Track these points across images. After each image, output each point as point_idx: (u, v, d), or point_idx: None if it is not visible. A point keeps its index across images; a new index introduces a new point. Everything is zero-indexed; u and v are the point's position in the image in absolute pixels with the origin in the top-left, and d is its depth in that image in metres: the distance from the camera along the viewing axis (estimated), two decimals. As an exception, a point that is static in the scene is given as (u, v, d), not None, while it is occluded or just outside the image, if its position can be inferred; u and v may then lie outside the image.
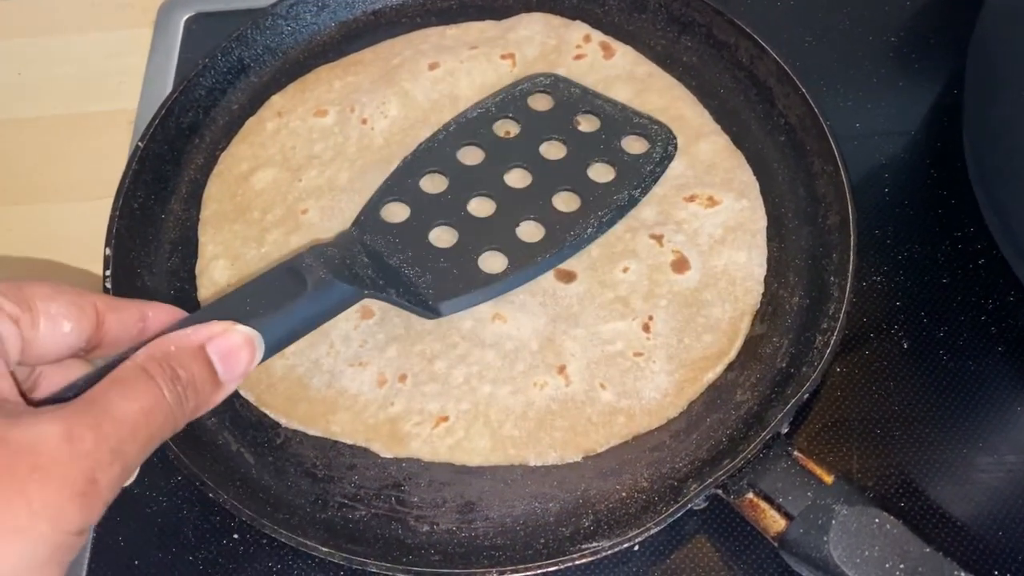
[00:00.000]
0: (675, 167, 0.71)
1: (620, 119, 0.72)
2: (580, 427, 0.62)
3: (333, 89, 0.78)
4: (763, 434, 0.58)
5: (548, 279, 0.67)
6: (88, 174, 0.81)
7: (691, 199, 0.69)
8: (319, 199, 0.72)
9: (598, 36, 0.79)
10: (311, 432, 0.64)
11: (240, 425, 0.65)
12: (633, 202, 0.69)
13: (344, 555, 0.56)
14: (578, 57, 0.77)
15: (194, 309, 0.68)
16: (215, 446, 0.64)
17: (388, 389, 0.64)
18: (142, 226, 0.71)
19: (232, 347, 0.47)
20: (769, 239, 0.69)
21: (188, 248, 0.72)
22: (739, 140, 0.74)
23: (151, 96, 0.83)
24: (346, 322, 0.66)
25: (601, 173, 0.70)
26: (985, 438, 0.63)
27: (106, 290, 0.66)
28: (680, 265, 0.67)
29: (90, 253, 0.66)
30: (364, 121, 0.75)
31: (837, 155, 0.68)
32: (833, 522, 0.52)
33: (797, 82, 0.72)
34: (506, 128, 0.72)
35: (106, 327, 0.47)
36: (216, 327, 0.47)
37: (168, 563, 0.62)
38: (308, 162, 0.74)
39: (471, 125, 0.72)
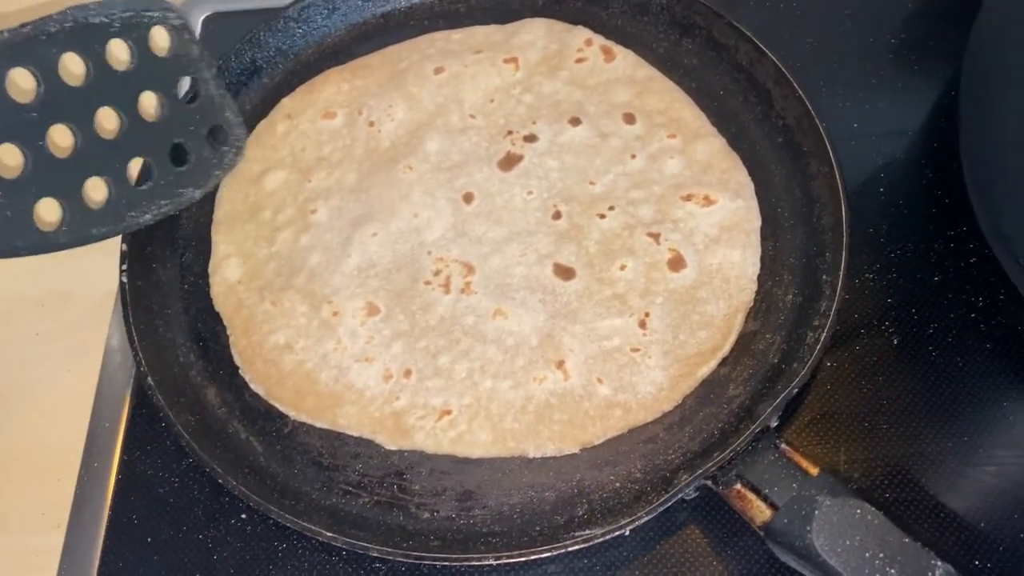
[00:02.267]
0: (673, 166, 0.73)
1: (216, 105, 0.73)
2: (578, 420, 0.64)
3: (341, 92, 0.80)
4: (752, 428, 0.60)
5: (547, 276, 0.69)
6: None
7: (688, 198, 0.71)
8: (328, 199, 0.74)
9: (599, 40, 0.81)
10: (319, 425, 0.66)
11: (249, 415, 0.67)
12: (192, 200, 0.72)
13: (347, 540, 0.59)
14: (579, 60, 0.79)
15: (206, 305, 0.71)
16: (225, 435, 0.66)
17: (393, 384, 0.66)
18: (156, 223, 0.73)
19: None
20: (764, 238, 0.71)
21: (201, 244, 0.75)
22: (737, 141, 0.76)
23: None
24: (352, 319, 0.68)
25: (179, 157, 0.71)
26: (971, 433, 0.64)
27: (121, 284, 0.69)
28: (676, 263, 0.69)
29: (108, 244, 0.69)
30: (371, 124, 0.78)
31: (832, 157, 0.69)
32: (816, 512, 0.54)
33: (795, 84, 0.73)
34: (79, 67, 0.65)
35: None
36: None
37: (179, 541, 0.64)
38: (317, 164, 0.76)
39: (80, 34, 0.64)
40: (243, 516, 0.64)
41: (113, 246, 0.70)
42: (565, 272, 0.69)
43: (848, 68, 0.82)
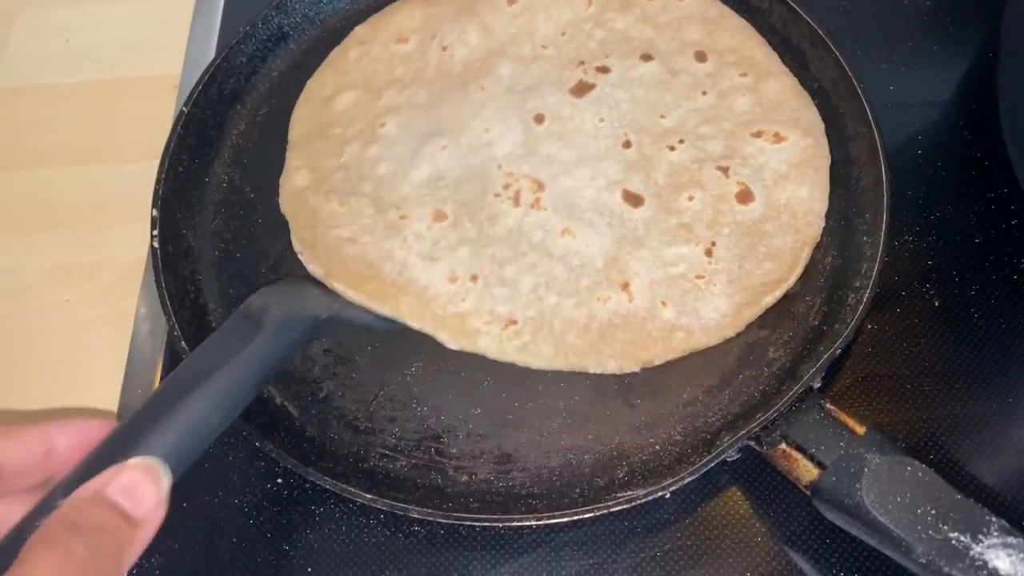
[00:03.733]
0: (743, 104, 0.73)
1: None
2: (640, 340, 0.64)
3: (414, 18, 0.81)
4: (796, 388, 0.59)
5: (616, 201, 0.69)
6: (134, 137, 0.82)
7: (758, 135, 0.71)
8: (397, 115, 0.75)
9: None
10: (378, 310, 0.66)
11: (284, 380, 0.67)
12: None
13: (387, 501, 0.58)
14: None
15: (237, 271, 0.70)
16: (261, 400, 0.65)
17: (459, 286, 0.67)
18: (187, 188, 0.73)
19: (129, 485, 0.47)
20: (803, 200, 0.70)
21: (231, 210, 0.74)
22: (773, 104, 0.75)
23: (194, 61, 0.85)
24: (419, 223, 0.69)
25: None
26: (1015, 394, 0.63)
27: (153, 249, 0.68)
28: (744, 196, 0.69)
29: (137, 212, 0.68)
30: (444, 49, 0.78)
31: (870, 117, 0.69)
32: (865, 470, 0.53)
33: (831, 45, 0.72)
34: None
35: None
36: (107, 474, 0.47)
37: (214, 506, 0.64)
38: (388, 84, 0.77)
39: None
40: (279, 481, 0.64)
41: (141, 214, 0.69)
42: (634, 199, 0.69)
43: (883, 31, 0.81)
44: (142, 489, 0.47)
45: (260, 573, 0.61)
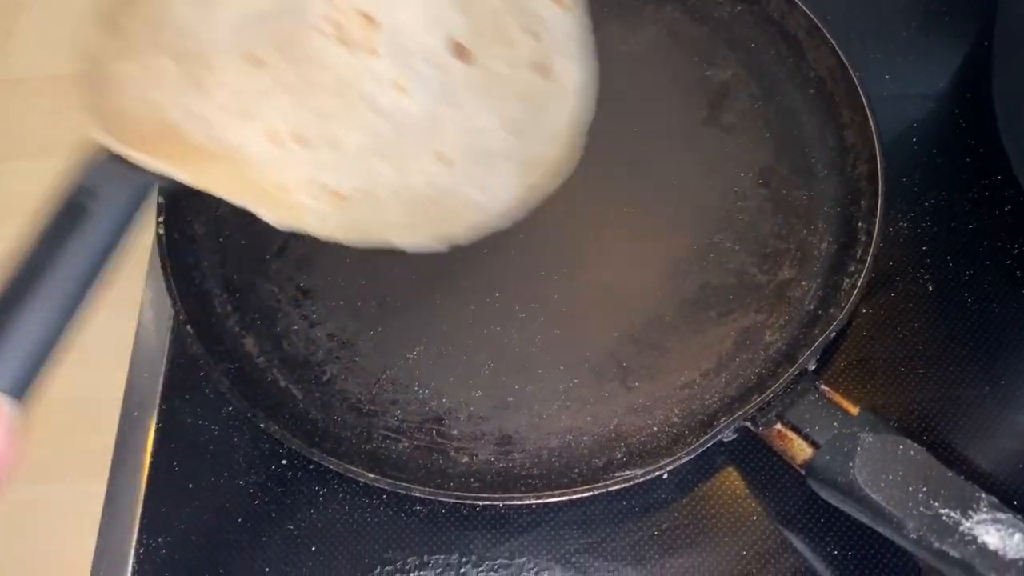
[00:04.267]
0: None
1: None
2: (448, 217, 0.59)
3: None
4: (792, 370, 0.60)
5: (444, 52, 0.58)
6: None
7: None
8: None
9: None
10: (180, 178, 0.55)
11: (288, 364, 0.68)
12: None
13: (389, 480, 0.59)
14: None
15: (245, 255, 0.71)
16: (265, 383, 0.67)
17: (281, 149, 0.56)
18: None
19: None
20: (798, 188, 0.71)
21: (236, 197, 0.75)
22: (770, 94, 0.76)
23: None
24: (227, 71, 0.56)
25: None
26: (1008, 377, 0.64)
27: (158, 236, 0.69)
28: (544, 69, 0.61)
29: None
30: None
31: (866, 105, 0.69)
32: (859, 449, 0.54)
33: (827, 34, 0.73)
34: None
35: None
36: None
37: (220, 487, 0.65)
38: None
39: None
40: (283, 462, 0.65)
41: (148, 201, 0.70)
42: (461, 51, 0.59)
43: (880, 21, 0.82)
44: None
45: (265, 553, 0.63)
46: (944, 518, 0.51)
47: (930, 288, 0.68)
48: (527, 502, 0.59)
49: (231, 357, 0.67)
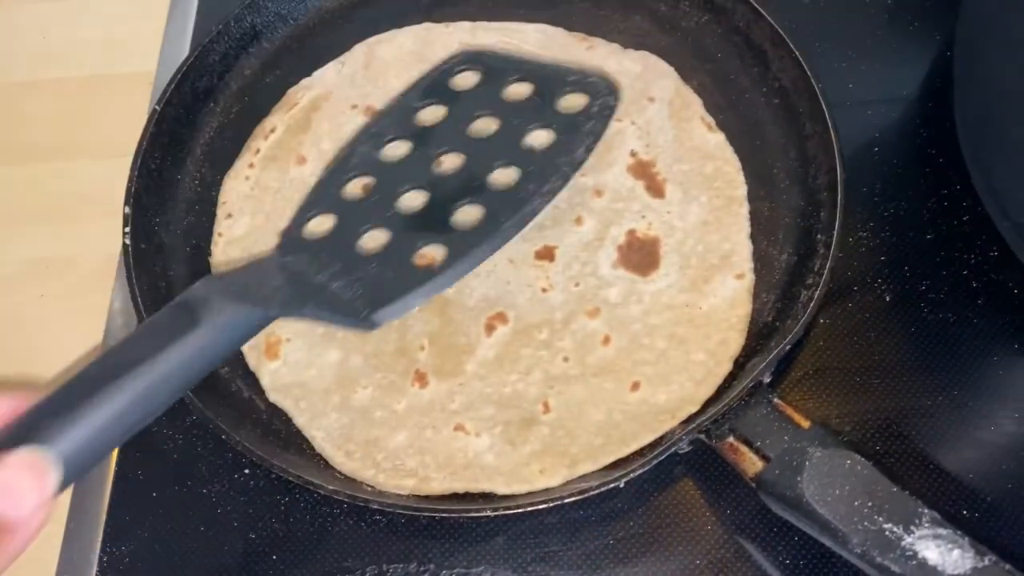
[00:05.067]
0: None
1: (554, 78, 0.68)
2: None
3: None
4: (746, 383, 0.60)
5: None
6: (109, 133, 0.84)
7: None
8: None
9: None
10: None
11: (252, 376, 0.68)
12: (577, 163, 0.64)
13: (349, 493, 0.60)
14: None
15: (207, 269, 0.71)
16: (228, 393, 0.67)
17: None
18: (159, 186, 0.74)
19: (5, 482, 0.41)
20: (760, 199, 0.72)
21: (203, 207, 0.75)
22: (734, 103, 0.76)
23: (169, 58, 0.86)
24: None
25: (540, 139, 0.66)
26: (962, 387, 0.65)
27: (125, 246, 0.69)
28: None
29: (113, 208, 0.70)
30: None
31: (828, 117, 0.70)
32: (807, 463, 0.55)
33: (791, 46, 0.73)
34: (433, 114, 0.69)
35: None
36: None
37: (184, 496, 0.65)
38: None
39: (392, 118, 0.69)
40: (246, 471, 0.65)
41: (116, 210, 0.70)
42: None
43: (844, 28, 0.82)
44: (21, 488, 0.41)
45: (226, 561, 0.63)
46: (887, 533, 0.52)
47: (887, 298, 0.69)
48: (484, 514, 0.60)
49: (194, 368, 0.67)
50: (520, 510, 0.59)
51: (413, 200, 0.65)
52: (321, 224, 0.65)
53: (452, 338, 0.67)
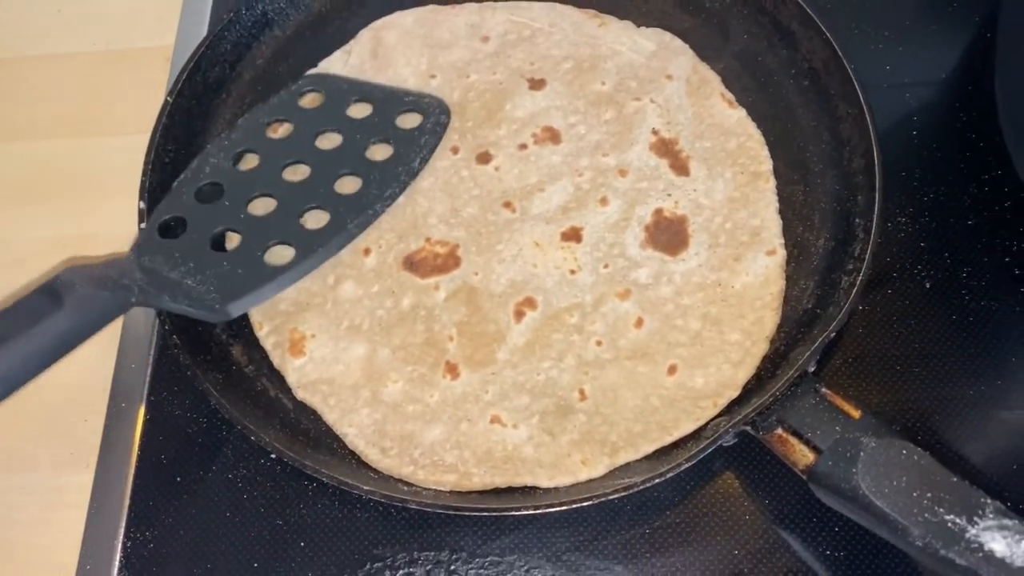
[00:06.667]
0: None
1: (391, 100, 0.75)
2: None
3: None
4: (791, 373, 0.59)
5: None
6: (128, 109, 0.81)
7: None
8: None
9: None
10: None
11: (277, 374, 0.66)
12: (413, 172, 0.71)
13: (385, 494, 0.58)
14: None
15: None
16: (254, 392, 0.65)
17: None
18: (173, 179, 0.70)
19: None
20: (793, 183, 0.70)
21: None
22: (763, 86, 0.75)
23: (187, 32, 0.84)
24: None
25: (379, 152, 0.72)
26: (1005, 376, 0.64)
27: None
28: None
29: (131, 185, 0.68)
30: None
31: (861, 98, 0.68)
32: (861, 454, 0.53)
33: (820, 25, 0.72)
34: (279, 130, 0.73)
35: None
36: None
37: (208, 480, 0.64)
38: None
39: (242, 133, 0.73)
40: (272, 456, 0.63)
41: (135, 187, 0.69)
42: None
43: (880, 9, 0.81)
44: None
45: (253, 547, 0.62)
46: (950, 525, 0.50)
47: (927, 285, 0.68)
48: (525, 512, 0.59)
49: (219, 366, 0.65)
50: (564, 507, 0.57)
51: (264, 205, 0.69)
52: (176, 225, 0.67)
53: (481, 326, 0.66)
